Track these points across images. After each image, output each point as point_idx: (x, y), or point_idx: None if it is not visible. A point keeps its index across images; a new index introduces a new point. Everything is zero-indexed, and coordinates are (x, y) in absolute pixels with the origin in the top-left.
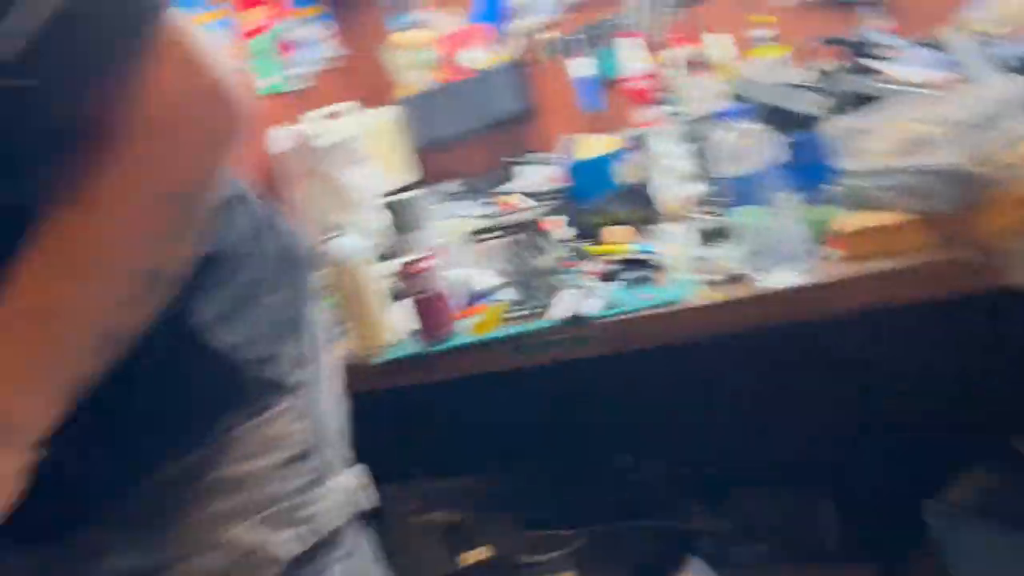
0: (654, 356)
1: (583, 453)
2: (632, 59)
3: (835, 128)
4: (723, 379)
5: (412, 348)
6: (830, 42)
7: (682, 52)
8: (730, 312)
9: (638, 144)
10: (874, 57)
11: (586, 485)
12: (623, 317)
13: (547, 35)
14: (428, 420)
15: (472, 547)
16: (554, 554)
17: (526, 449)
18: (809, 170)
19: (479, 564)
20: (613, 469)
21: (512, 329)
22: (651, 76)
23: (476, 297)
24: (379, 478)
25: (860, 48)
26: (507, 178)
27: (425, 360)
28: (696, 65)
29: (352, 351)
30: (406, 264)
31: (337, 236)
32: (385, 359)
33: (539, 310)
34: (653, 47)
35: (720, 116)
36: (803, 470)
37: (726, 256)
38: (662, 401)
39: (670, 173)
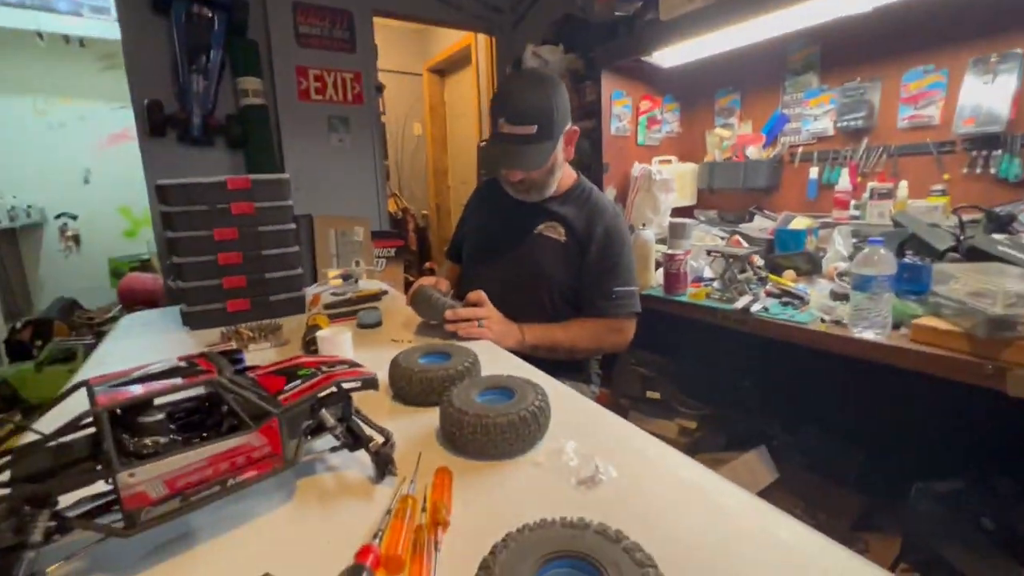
0: (779, 345)
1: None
2: (845, 178)
3: (941, 266)
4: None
5: (660, 292)
6: (980, 208)
7: (879, 185)
8: (830, 340)
9: (824, 228)
10: (1008, 230)
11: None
12: (768, 319)
13: (800, 150)
14: (654, 328)
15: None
16: (688, 411)
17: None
18: (912, 282)
19: (649, 400)
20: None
21: (712, 303)
22: (852, 192)
23: (699, 279)
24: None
25: (999, 219)
26: (749, 219)
27: (665, 301)
28: (883, 195)
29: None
30: (670, 254)
31: (644, 227)
32: (648, 293)
33: (728, 298)
34: (864, 176)
35: (872, 242)
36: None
37: (842, 310)
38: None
39: (835, 254)
